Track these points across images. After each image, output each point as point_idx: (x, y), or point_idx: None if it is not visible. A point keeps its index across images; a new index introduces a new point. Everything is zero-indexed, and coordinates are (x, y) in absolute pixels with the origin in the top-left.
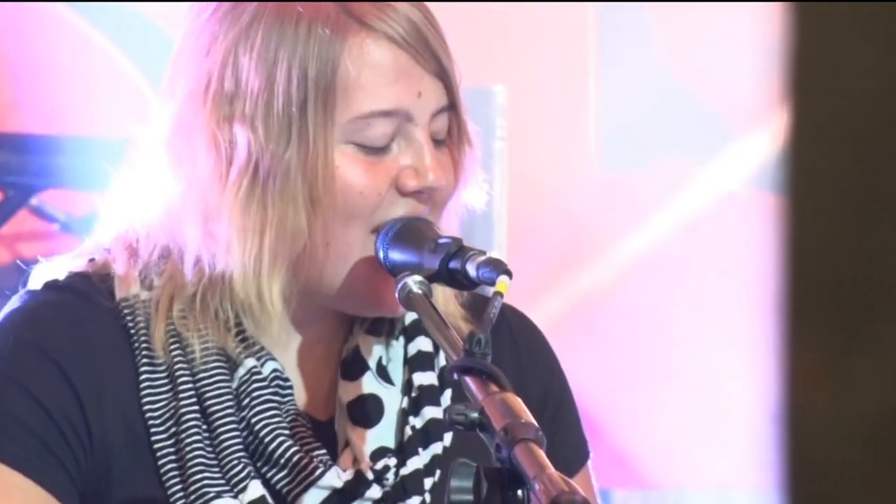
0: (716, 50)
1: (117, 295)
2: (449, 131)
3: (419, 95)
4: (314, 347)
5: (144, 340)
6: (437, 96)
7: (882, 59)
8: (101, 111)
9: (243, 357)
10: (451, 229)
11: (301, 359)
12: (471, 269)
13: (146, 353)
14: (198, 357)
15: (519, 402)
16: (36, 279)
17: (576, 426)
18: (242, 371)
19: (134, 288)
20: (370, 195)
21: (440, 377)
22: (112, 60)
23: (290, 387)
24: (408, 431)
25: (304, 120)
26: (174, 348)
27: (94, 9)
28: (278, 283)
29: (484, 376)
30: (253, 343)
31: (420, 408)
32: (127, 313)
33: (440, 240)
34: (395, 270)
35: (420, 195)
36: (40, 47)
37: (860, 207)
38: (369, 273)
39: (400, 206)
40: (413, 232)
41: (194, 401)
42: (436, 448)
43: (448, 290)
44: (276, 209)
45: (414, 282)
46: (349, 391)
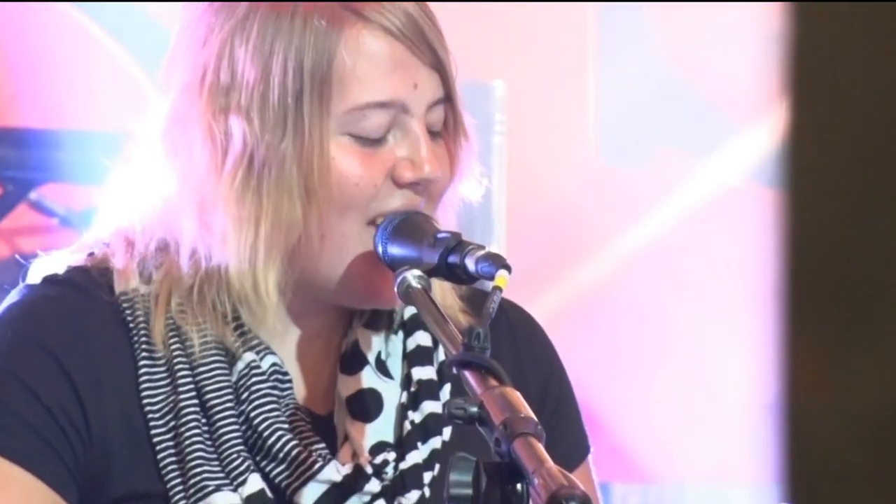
0: (715, 44)
1: (116, 289)
2: (445, 123)
3: (415, 87)
4: (313, 341)
5: (144, 334)
6: (434, 88)
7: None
8: (100, 106)
9: (242, 351)
10: (449, 222)
11: (300, 353)
12: (470, 264)
13: (145, 348)
14: (197, 351)
15: (518, 397)
16: (35, 273)
17: (576, 420)
18: (241, 365)
19: (133, 282)
20: (366, 186)
21: (439, 372)
22: (111, 55)
23: (290, 381)
24: (407, 426)
25: (300, 111)
26: (173, 342)
27: (93, 4)
28: (273, 274)
29: (483, 371)
30: (252, 336)
31: (419, 402)
32: (126, 307)
33: (439, 234)
34: (394, 265)
35: (416, 187)
36: (39, 42)
37: (859, 202)
38: (366, 266)
39: (396, 198)
40: (412, 226)
41: (193, 395)
42: (435, 442)
43: (446, 283)
44: (272, 200)
45: (413, 276)
46: (348, 385)
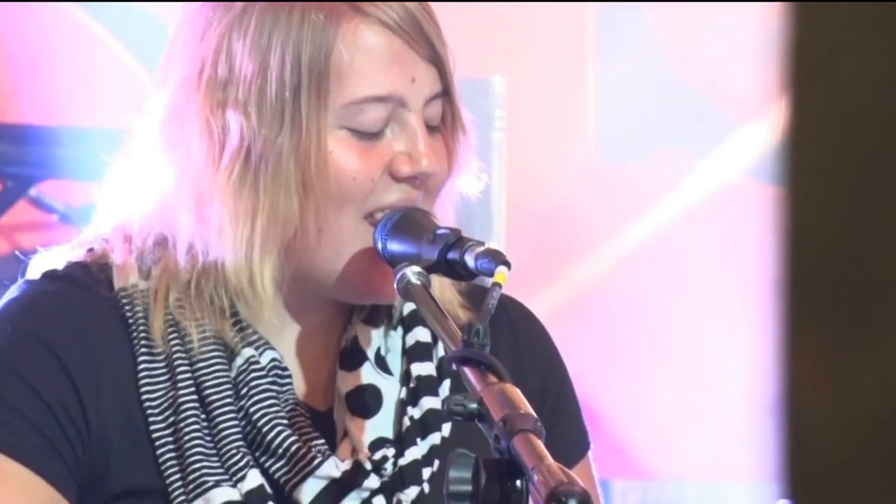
0: (715, 43)
1: (116, 285)
2: (443, 118)
3: (413, 81)
4: (312, 337)
5: (143, 330)
6: (431, 82)
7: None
8: (100, 102)
9: (241, 346)
10: (447, 217)
11: (300, 349)
12: (469, 260)
13: (145, 343)
14: (196, 346)
15: (517, 393)
16: (34, 269)
17: (576, 417)
18: (240, 360)
19: (132, 277)
20: (363, 180)
21: (439, 368)
22: (111, 52)
23: (289, 376)
24: (406, 422)
25: (298, 105)
26: (172, 338)
27: (94, 3)
28: (270, 268)
29: (482, 367)
30: (251, 332)
31: (418, 398)
32: (125, 303)
33: (438, 230)
34: (394, 261)
35: (413, 181)
36: (39, 39)
37: (859, 201)
38: (366, 262)
39: (393, 192)
40: (411, 222)
41: (193, 390)
42: (434, 438)
43: (445, 278)
44: (268, 194)
45: (412, 272)
46: (348, 381)
